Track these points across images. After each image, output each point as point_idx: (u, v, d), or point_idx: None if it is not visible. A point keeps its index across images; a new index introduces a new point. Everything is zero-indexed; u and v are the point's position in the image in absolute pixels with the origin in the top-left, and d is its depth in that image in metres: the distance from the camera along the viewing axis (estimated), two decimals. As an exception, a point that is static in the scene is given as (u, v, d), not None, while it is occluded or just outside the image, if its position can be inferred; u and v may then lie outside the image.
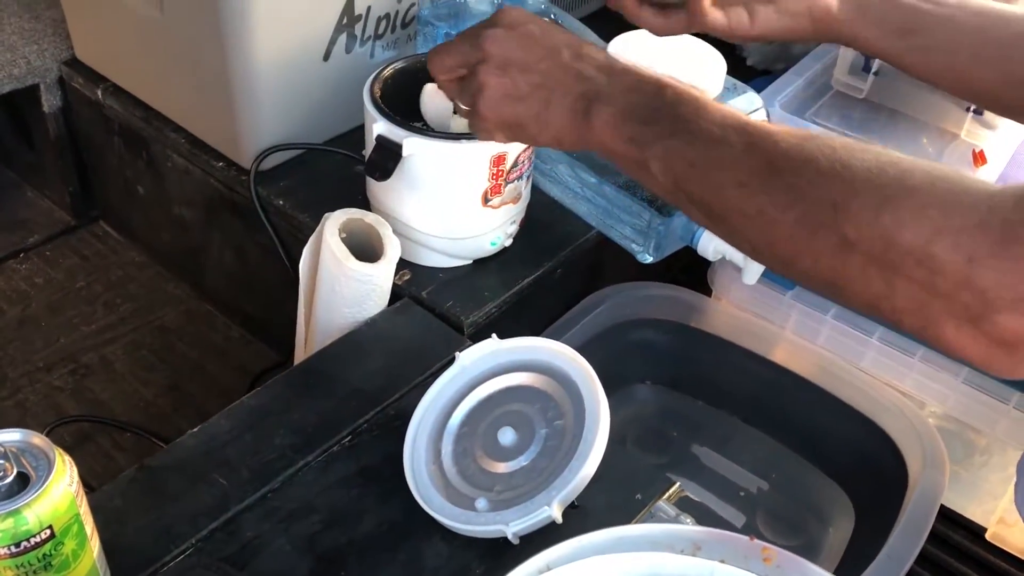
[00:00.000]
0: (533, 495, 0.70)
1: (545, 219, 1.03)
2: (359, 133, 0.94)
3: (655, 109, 0.62)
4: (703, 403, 1.12)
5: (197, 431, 0.78)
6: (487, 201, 0.91)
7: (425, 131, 0.87)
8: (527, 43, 0.68)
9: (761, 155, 0.57)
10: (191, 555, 0.69)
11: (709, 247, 0.98)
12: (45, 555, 0.57)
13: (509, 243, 0.98)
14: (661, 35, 0.84)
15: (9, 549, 0.56)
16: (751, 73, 1.32)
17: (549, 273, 1.00)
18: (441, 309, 0.93)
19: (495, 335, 0.80)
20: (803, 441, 1.07)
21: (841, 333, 1.04)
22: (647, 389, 1.13)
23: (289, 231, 1.03)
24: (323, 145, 1.07)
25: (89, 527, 0.60)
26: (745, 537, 0.53)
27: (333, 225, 0.86)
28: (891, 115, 1.16)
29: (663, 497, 0.76)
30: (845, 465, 1.04)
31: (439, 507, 0.72)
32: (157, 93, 1.13)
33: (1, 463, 0.56)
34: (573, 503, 0.70)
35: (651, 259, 0.99)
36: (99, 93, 1.18)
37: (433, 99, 0.89)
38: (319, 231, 0.88)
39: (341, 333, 0.88)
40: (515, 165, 0.90)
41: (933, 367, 1.01)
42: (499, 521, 0.69)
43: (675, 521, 0.73)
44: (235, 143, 1.05)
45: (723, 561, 0.52)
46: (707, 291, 1.11)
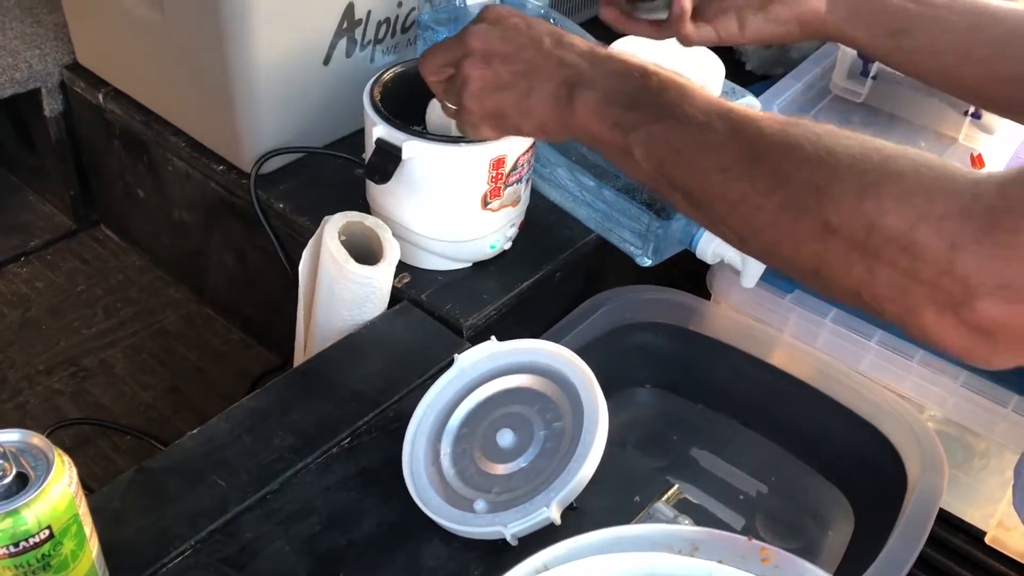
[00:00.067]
0: (532, 497, 0.70)
1: (544, 223, 1.04)
2: (359, 137, 0.94)
3: (639, 95, 0.62)
4: (702, 406, 1.12)
5: (196, 433, 0.78)
6: (486, 204, 0.91)
7: (424, 134, 0.88)
8: (510, 35, 0.68)
9: (745, 140, 0.57)
10: (190, 556, 0.69)
11: (708, 250, 0.98)
12: (44, 555, 0.57)
13: (508, 246, 0.98)
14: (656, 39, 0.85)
15: (8, 549, 0.56)
16: (750, 77, 1.32)
17: (548, 276, 1.00)
18: (440, 312, 0.93)
19: (494, 337, 0.80)
20: (802, 444, 1.07)
21: (840, 336, 1.04)
22: (646, 392, 1.13)
23: (289, 234, 1.03)
24: (323, 149, 1.07)
25: (88, 528, 0.60)
26: (743, 537, 0.53)
27: (333, 228, 0.86)
28: (889, 119, 1.17)
29: (662, 499, 0.76)
30: (844, 468, 1.04)
31: (438, 508, 0.72)
32: (158, 97, 1.13)
33: (0, 463, 0.56)
34: (572, 505, 0.70)
35: (650, 262, 1.00)
36: (100, 97, 1.18)
37: (435, 110, 0.89)
38: (319, 234, 0.88)
39: (340, 336, 0.88)
40: (514, 168, 0.90)
41: (932, 370, 1.01)
42: (498, 523, 0.69)
43: (673, 522, 0.73)
44: (235, 147, 1.05)
45: (721, 561, 0.52)
46: (706, 295, 1.11)
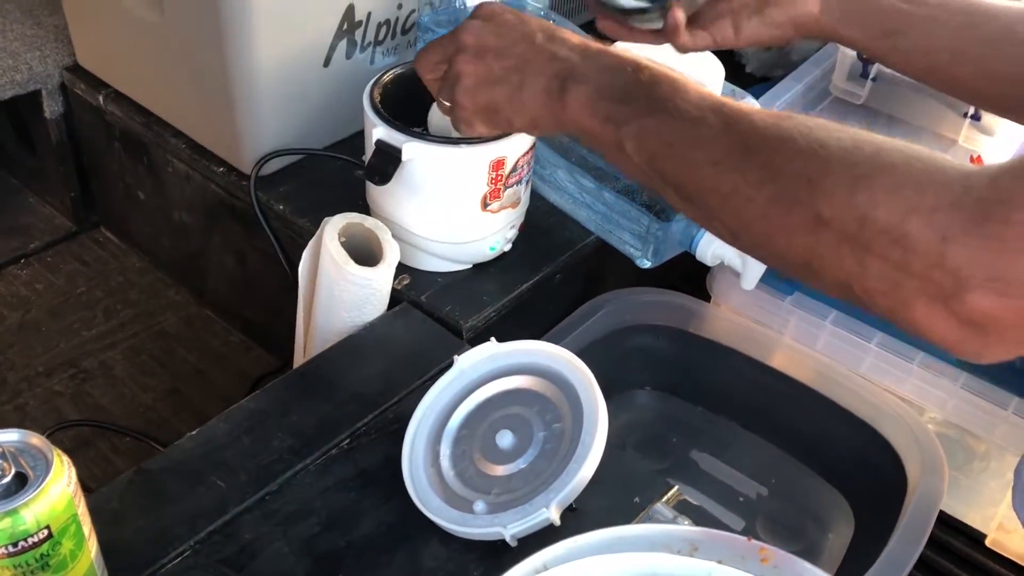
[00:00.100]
0: (531, 498, 0.70)
1: (544, 224, 1.03)
2: (359, 139, 0.94)
3: (631, 89, 0.62)
4: (702, 409, 1.12)
5: (195, 434, 0.78)
6: (486, 206, 0.91)
7: (424, 136, 0.88)
8: (502, 30, 0.68)
9: (737, 134, 0.57)
10: (189, 557, 0.69)
11: (707, 252, 0.98)
12: (43, 555, 0.57)
13: (508, 248, 0.98)
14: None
15: (7, 549, 0.55)
16: (750, 79, 1.32)
17: (548, 278, 1.00)
18: (440, 314, 0.93)
19: (494, 339, 0.80)
20: (802, 447, 1.07)
21: (840, 339, 1.04)
22: (646, 395, 1.13)
23: (289, 236, 1.03)
24: (323, 150, 1.07)
25: (87, 528, 0.60)
26: (742, 537, 0.53)
27: (332, 229, 0.86)
28: (889, 121, 1.17)
29: (661, 500, 0.76)
30: (844, 471, 1.04)
31: (437, 509, 0.72)
32: (158, 98, 1.14)
33: (-1, 463, 0.56)
34: (571, 506, 0.70)
35: (649, 264, 1.00)
36: (100, 99, 1.18)
37: (437, 113, 0.89)
38: (318, 235, 0.88)
39: (340, 337, 0.88)
40: (514, 170, 0.90)
41: (932, 372, 1.01)
42: (497, 523, 0.69)
43: (673, 523, 0.73)
44: (236, 148, 1.05)
45: (720, 562, 0.52)
46: (706, 297, 1.11)
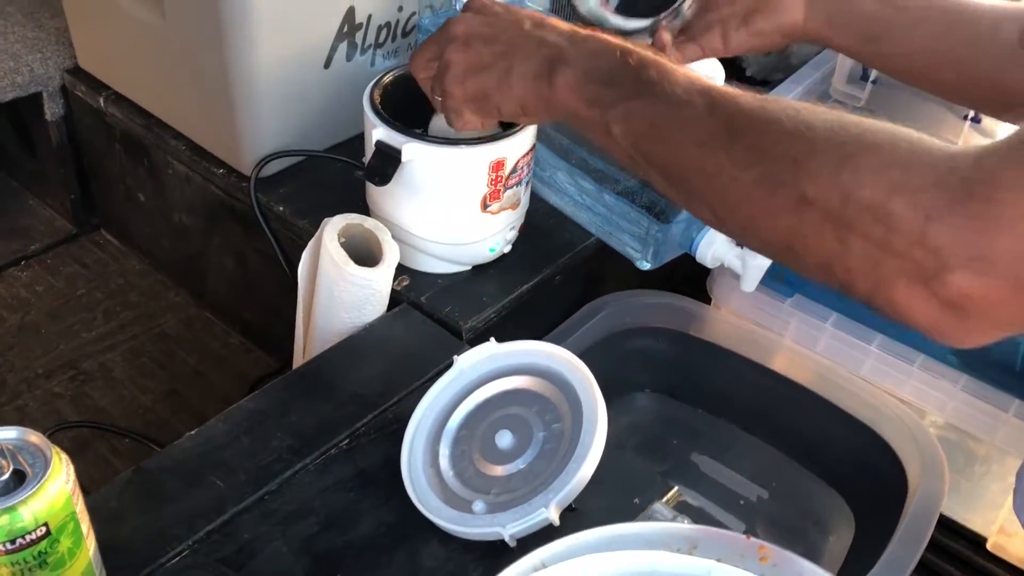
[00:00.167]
0: (530, 498, 0.70)
1: (544, 226, 1.03)
2: (359, 141, 0.94)
3: (618, 72, 0.62)
4: (702, 411, 1.12)
5: (194, 434, 0.78)
6: (486, 207, 0.91)
7: (424, 136, 0.88)
8: (491, 20, 0.70)
9: (723, 115, 0.57)
10: (188, 556, 0.69)
11: (707, 254, 0.98)
12: (40, 552, 0.57)
13: (508, 249, 0.98)
14: None
15: (4, 546, 0.55)
16: (750, 83, 1.32)
17: (548, 280, 1.00)
18: (440, 315, 0.93)
19: (493, 339, 0.80)
20: (803, 449, 1.07)
21: (840, 341, 1.04)
22: (646, 397, 1.13)
23: (289, 238, 1.03)
24: (323, 152, 1.08)
25: (85, 526, 0.60)
26: (742, 536, 0.53)
27: (332, 230, 0.86)
28: (889, 124, 1.17)
29: (661, 500, 0.76)
30: (845, 473, 1.04)
31: (436, 509, 0.71)
32: (158, 100, 1.14)
33: (-2, 460, 0.56)
34: (570, 506, 0.70)
35: (649, 266, 1.00)
36: (101, 101, 1.18)
37: (439, 119, 0.89)
38: (318, 236, 0.88)
39: (340, 338, 0.88)
40: (514, 171, 0.90)
41: (932, 375, 1.01)
42: (496, 524, 0.69)
43: (672, 522, 0.72)
44: (236, 150, 1.06)
45: (719, 560, 0.52)
46: (706, 299, 1.11)
